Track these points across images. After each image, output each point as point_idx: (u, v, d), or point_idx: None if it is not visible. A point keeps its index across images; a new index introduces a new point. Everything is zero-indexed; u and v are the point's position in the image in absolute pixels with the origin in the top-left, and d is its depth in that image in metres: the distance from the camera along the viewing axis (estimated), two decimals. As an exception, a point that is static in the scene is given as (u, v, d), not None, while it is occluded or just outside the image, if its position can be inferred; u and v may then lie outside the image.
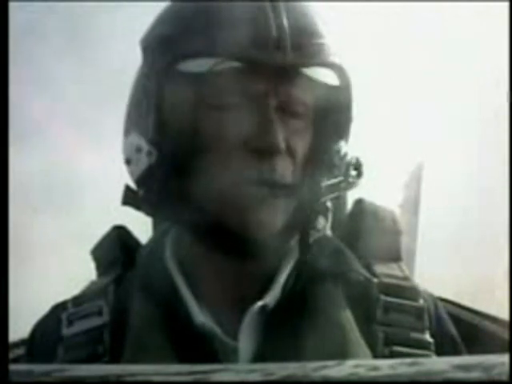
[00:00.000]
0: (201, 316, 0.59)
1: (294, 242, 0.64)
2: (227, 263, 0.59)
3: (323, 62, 0.57)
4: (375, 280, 0.64)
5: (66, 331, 0.63)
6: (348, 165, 0.62)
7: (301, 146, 0.59)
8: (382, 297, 0.62)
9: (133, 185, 0.61)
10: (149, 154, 0.57)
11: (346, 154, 0.62)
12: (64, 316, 0.64)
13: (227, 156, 0.56)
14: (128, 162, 0.59)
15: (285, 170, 0.57)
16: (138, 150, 0.58)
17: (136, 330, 0.59)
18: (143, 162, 0.57)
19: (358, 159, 0.63)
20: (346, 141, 0.62)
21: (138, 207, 0.61)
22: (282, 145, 0.55)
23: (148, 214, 0.63)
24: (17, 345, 0.83)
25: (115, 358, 0.58)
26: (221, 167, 0.56)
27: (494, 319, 0.86)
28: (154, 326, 0.59)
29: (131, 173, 0.59)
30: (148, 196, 0.59)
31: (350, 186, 0.62)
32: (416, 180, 1.87)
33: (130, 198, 0.61)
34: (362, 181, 0.63)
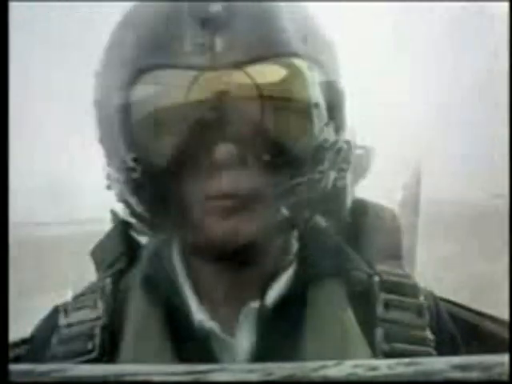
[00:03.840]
0: (200, 313, 0.60)
1: (295, 240, 0.65)
2: (224, 267, 0.60)
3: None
4: (376, 277, 0.64)
5: (63, 328, 0.63)
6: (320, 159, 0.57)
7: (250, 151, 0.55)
8: (383, 294, 0.62)
9: None
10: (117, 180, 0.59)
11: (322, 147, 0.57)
12: (61, 315, 0.64)
13: (191, 174, 0.55)
14: (108, 187, 0.62)
15: (238, 181, 0.54)
16: (108, 176, 0.61)
17: (134, 325, 0.60)
18: (115, 187, 0.61)
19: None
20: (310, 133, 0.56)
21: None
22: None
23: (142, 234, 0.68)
24: (17, 344, 0.83)
25: (109, 354, 0.59)
26: (188, 187, 0.56)
27: (494, 319, 0.86)
28: (152, 322, 0.60)
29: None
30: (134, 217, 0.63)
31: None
32: (416, 179, 1.88)
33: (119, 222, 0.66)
34: (362, 180, 0.62)
